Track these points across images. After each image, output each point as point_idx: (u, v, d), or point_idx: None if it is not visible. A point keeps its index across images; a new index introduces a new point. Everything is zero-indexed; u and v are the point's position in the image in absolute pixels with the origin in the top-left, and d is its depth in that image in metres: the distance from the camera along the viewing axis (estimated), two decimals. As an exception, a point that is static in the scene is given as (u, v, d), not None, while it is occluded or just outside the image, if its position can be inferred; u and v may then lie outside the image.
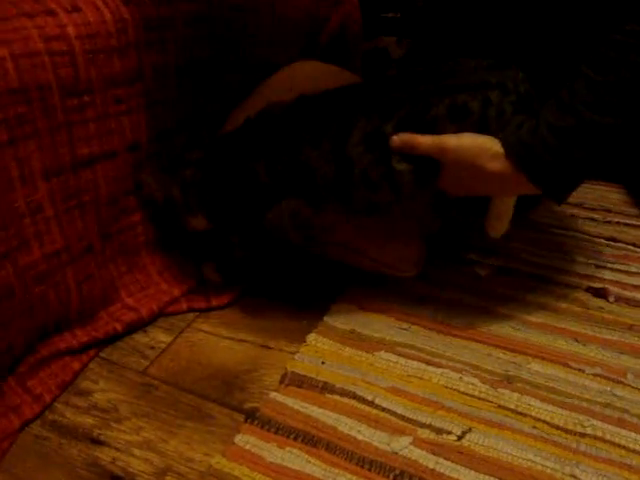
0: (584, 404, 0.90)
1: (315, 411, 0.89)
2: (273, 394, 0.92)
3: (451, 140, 0.89)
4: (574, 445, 0.84)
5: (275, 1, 1.22)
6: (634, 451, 0.84)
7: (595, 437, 0.85)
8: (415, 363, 0.96)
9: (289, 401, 0.91)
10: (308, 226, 0.99)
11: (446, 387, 0.92)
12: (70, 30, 0.89)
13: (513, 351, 0.98)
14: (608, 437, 0.85)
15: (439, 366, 0.95)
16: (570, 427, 0.87)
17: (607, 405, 0.90)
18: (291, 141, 0.96)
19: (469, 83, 0.91)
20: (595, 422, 0.87)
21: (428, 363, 0.96)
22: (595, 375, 0.94)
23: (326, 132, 0.94)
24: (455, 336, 1.01)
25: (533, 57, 1.01)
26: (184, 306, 1.08)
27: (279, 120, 0.99)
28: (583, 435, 0.86)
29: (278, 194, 0.97)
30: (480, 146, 0.88)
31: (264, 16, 1.20)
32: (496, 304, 1.07)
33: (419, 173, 0.92)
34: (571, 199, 0.91)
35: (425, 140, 0.89)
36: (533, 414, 0.88)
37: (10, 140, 0.84)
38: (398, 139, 0.91)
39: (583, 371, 0.95)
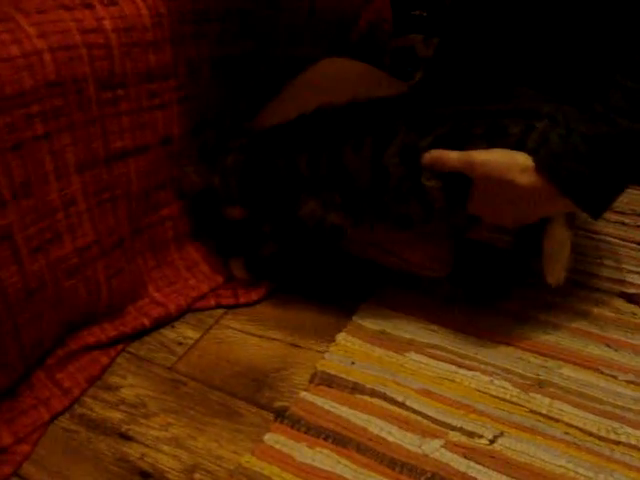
0: (617, 411, 0.89)
1: (345, 411, 0.88)
2: (303, 393, 0.91)
3: (480, 154, 0.86)
4: (608, 452, 0.83)
5: (307, -3, 1.21)
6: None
7: (629, 445, 0.84)
8: (446, 365, 0.95)
9: (319, 401, 0.90)
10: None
11: (477, 390, 0.91)
12: (107, 23, 0.89)
13: (544, 355, 0.97)
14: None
15: (470, 369, 0.95)
16: (603, 434, 0.86)
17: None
18: (336, 141, 0.96)
19: (517, 109, 0.89)
20: (629, 430, 0.86)
21: (459, 365, 0.95)
22: (628, 382, 0.93)
23: (368, 138, 0.94)
24: (485, 339, 1.00)
25: (560, 68, 0.99)
26: (212, 302, 1.08)
27: (328, 120, 0.99)
28: (617, 442, 0.84)
29: (315, 188, 0.98)
30: (509, 160, 0.85)
31: (297, 12, 1.19)
32: (527, 307, 1.06)
33: (449, 190, 0.91)
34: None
35: (453, 155, 0.88)
36: (565, 420, 0.87)
37: (46, 133, 0.84)
38: (429, 156, 0.90)
39: (616, 377, 0.94)
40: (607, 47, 0.92)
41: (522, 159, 0.84)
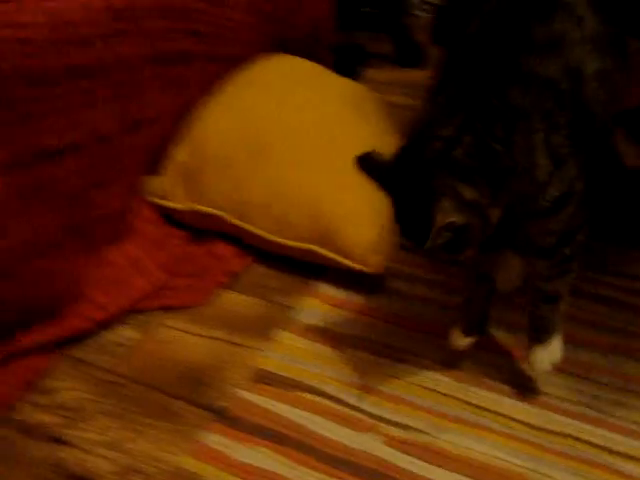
0: (553, 402, 0.89)
1: (285, 410, 0.88)
2: (242, 392, 0.90)
3: None
4: (547, 444, 0.84)
5: (247, -7, 1.20)
6: (609, 450, 0.84)
7: (562, 434, 0.85)
8: (383, 359, 0.95)
9: (258, 399, 0.89)
10: None
11: (414, 384, 0.92)
12: (39, 18, 0.87)
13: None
14: (586, 437, 0.85)
15: (406, 362, 0.94)
16: (542, 425, 0.86)
17: (578, 403, 0.89)
18: None
19: None
20: (562, 418, 0.87)
21: (396, 359, 0.95)
22: (560, 371, 0.92)
23: None
24: (420, 331, 1.00)
25: None
26: (155, 303, 1.06)
27: None
28: (555, 434, 0.85)
29: None
30: None
31: (235, 10, 1.18)
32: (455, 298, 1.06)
33: None
34: None
35: None
36: (504, 412, 0.88)
37: (-31, 132, 0.82)
38: None
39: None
40: None
41: None
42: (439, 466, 0.81)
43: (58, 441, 0.86)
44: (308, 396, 0.90)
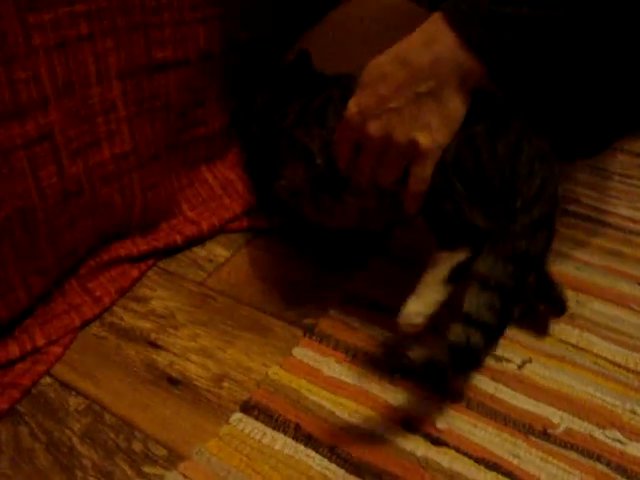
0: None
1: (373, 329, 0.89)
2: (332, 311, 0.92)
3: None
4: (636, 383, 0.83)
5: None
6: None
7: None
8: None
9: (348, 319, 0.90)
10: None
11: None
12: None
13: (576, 289, 0.96)
14: (670, 378, 0.84)
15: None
16: (632, 366, 0.85)
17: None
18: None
19: None
20: (657, 362, 0.86)
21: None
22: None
23: None
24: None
25: None
26: (245, 223, 1.07)
27: None
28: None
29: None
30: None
31: None
32: (558, 244, 1.05)
33: None
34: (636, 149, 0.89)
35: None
36: (594, 351, 0.87)
37: (90, 34, 0.83)
38: None
39: (646, 314, 0.93)
40: None
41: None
42: (527, 396, 0.81)
43: (152, 344, 0.88)
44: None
